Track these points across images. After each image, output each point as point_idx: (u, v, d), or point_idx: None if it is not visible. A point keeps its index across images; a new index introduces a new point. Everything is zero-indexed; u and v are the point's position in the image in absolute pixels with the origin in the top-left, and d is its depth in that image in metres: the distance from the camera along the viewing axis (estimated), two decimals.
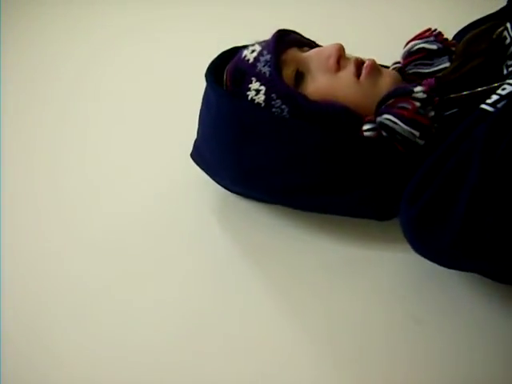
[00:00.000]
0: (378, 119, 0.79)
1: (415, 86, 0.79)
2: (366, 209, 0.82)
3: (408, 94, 0.78)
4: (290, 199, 0.86)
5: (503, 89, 0.71)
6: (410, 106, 0.77)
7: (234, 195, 0.95)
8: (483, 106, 0.71)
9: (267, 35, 0.87)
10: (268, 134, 0.81)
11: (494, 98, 0.71)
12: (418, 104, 0.77)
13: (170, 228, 0.95)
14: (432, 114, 0.78)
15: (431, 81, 0.80)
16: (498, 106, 0.70)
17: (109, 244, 0.95)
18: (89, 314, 0.86)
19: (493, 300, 0.78)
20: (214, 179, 0.93)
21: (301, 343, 0.79)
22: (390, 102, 0.78)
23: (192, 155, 0.94)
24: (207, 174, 0.93)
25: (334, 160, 0.80)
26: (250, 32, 0.89)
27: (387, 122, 0.77)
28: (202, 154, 0.91)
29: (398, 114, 0.77)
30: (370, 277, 0.84)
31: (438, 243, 0.69)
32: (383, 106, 0.79)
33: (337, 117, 0.80)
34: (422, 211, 0.69)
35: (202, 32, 1.35)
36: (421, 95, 0.78)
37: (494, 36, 0.86)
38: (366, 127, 0.80)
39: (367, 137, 0.80)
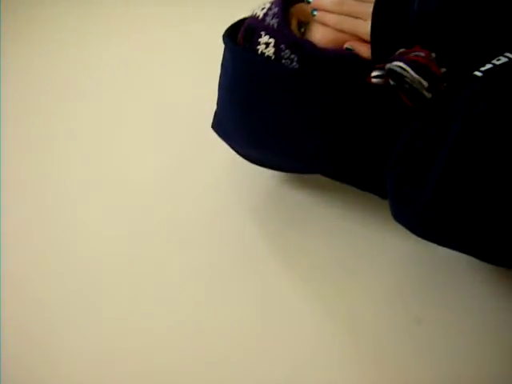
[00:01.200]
0: (388, 65, 0.74)
1: None
2: (374, 183, 0.81)
3: None
4: (303, 162, 0.84)
5: (498, 59, 0.70)
6: (423, 54, 0.73)
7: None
8: (476, 72, 0.69)
9: None
10: (279, 87, 0.80)
11: (488, 66, 0.69)
12: (433, 54, 0.74)
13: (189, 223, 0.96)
14: (444, 69, 0.75)
15: None
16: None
17: (110, 244, 0.95)
18: (89, 313, 0.86)
19: (494, 299, 0.78)
20: (232, 148, 0.93)
21: (298, 341, 0.79)
22: (403, 50, 0.74)
23: (212, 125, 0.93)
24: (226, 142, 0.93)
25: (342, 110, 0.78)
26: None
27: (396, 69, 0.73)
28: (221, 122, 0.91)
29: (410, 61, 0.72)
30: (370, 275, 0.84)
31: (414, 206, 0.68)
32: (397, 54, 0.75)
33: (346, 63, 0.78)
34: (401, 173, 0.69)
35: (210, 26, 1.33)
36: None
37: None
38: (374, 73, 0.76)
39: (375, 84, 0.75)
